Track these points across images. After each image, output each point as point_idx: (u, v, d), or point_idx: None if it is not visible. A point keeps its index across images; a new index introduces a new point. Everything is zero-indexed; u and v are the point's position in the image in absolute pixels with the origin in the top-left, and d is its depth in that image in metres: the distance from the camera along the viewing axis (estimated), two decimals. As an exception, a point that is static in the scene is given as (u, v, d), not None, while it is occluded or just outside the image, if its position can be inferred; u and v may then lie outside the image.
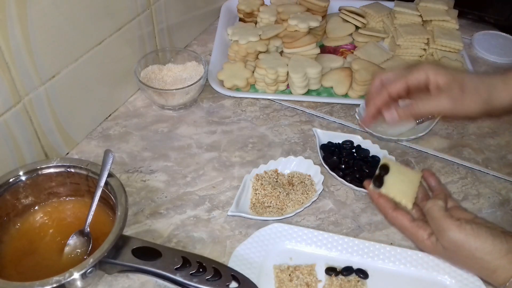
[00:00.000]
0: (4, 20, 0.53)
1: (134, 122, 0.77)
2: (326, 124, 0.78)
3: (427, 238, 0.54)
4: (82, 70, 0.67)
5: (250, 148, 0.74)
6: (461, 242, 0.51)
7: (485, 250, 0.50)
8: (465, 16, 1.04)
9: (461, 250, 0.51)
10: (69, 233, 0.57)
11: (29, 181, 0.59)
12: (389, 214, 0.57)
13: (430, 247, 0.54)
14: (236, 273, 0.52)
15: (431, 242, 0.54)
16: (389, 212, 0.57)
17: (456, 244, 0.51)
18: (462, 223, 0.51)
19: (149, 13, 0.79)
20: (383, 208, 0.58)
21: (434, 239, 0.53)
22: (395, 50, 0.91)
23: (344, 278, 0.57)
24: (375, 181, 0.58)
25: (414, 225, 0.55)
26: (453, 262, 0.55)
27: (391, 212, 0.57)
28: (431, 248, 0.54)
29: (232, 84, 0.81)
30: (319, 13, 0.91)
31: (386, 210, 0.57)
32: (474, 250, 0.50)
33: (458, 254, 0.52)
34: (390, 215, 0.57)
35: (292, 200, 0.64)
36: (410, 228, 0.55)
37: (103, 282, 0.56)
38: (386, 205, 0.57)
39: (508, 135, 0.78)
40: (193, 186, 0.67)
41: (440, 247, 0.53)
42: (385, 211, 0.57)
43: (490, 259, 0.50)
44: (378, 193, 0.58)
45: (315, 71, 0.80)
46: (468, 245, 0.50)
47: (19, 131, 0.61)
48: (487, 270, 0.50)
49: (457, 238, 0.51)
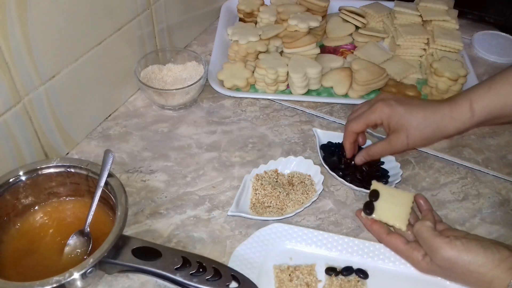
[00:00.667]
0: (4, 20, 0.53)
1: (134, 122, 0.77)
2: (326, 124, 0.78)
3: (422, 259, 0.55)
4: (82, 70, 0.67)
5: (250, 148, 0.74)
6: (454, 259, 0.52)
7: (478, 263, 0.51)
8: (465, 16, 1.04)
9: (455, 266, 0.52)
10: (69, 233, 0.57)
11: (29, 181, 0.59)
12: (383, 240, 0.59)
13: (426, 267, 0.55)
14: (236, 273, 0.52)
15: (426, 262, 0.55)
16: (383, 237, 0.58)
17: (449, 261, 0.52)
18: (452, 239, 0.52)
19: (149, 13, 0.79)
20: (377, 234, 0.59)
21: (428, 259, 0.54)
22: (395, 50, 0.91)
23: (344, 278, 0.57)
24: (366, 209, 0.60)
25: (408, 247, 0.56)
26: (451, 279, 0.55)
27: (385, 237, 0.58)
28: (427, 268, 0.55)
29: (232, 84, 0.81)
30: (319, 13, 0.91)
31: (380, 235, 0.59)
32: (468, 264, 0.51)
33: (454, 271, 0.53)
34: (384, 240, 0.58)
35: (292, 200, 0.64)
36: (405, 250, 0.56)
37: (103, 282, 0.56)
38: (379, 231, 0.59)
39: (508, 135, 0.78)
40: (193, 186, 0.67)
41: (436, 267, 0.54)
42: (379, 236, 0.59)
43: (485, 270, 0.50)
44: (371, 219, 0.59)
45: (315, 71, 0.80)
46: (461, 260, 0.51)
47: (19, 131, 0.61)
48: (484, 282, 0.51)
49: (449, 255, 0.52)
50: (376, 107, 0.63)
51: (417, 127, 0.60)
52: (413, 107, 0.61)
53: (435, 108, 0.60)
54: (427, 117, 0.60)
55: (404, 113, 0.61)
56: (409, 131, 0.60)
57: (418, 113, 0.60)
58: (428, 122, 0.60)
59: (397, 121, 0.61)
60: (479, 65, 0.93)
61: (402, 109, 0.61)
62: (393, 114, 0.61)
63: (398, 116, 0.61)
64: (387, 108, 0.62)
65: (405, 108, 0.61)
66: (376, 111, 0.63)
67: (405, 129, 0.61)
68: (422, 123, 0.60)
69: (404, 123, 0.61)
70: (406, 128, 0.61)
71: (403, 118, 0.61)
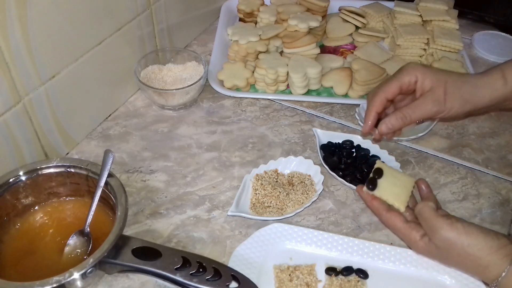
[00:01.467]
0: (4, 20, 0.53)
1: (134, 122, 0.77)
2: (326, 124, 0.78)
3: (419, 239, 0.55)
4: (82, 70, 0.67)
5: (250, 148, 0.74)
6: (453, 240, 0.51)
7: (477, 246, 0.50)
8: (465, 16, 1.04)
9: (453, 248, 0.52)
10: (69, 233, 0.57)
11: (29, 181, 0.59)
12: (383, 215, 0.58)
13: (423, 247, 0.55)
14: (236, 273, 0.52)
15: (424, 242, 0.54)
16: (383, 213, 0.58)
17: (448, 242, 0.52)
18: (453, 221, 0.52)
19: (149, 13, 0.79)
20: (377, 209, 0.59)
21: (426, 240, 0.54)
22: (395, 50, 0.91)
23: (344, 278, 0.57)
24: (369, 184, 0.59)
25: (407, 226, 0.56)
26: (446, 262, 0.55)
27: (385, 214, 0.58)
28: (424, 248, 0.55)
29: (232, 84, 0.81)
30: (319, 13, 0.91)
31: (380, 211, 0.58)
32: (467, 247, 0.51)
33: (451, 253, 0.52)
34: (384, 216, 0.58)
35: (292, 200, 0.64)
36: (403, 229, 0.56)
37: (103, 282, 0.56)
38: (379, 207, 0.58)
39: (508, 135, 0.78)
40: (193, 186, 0.67)
41: (433, 247, 0.53)
42: (378, 212, 0.59)
43: (482, 255, 0.50)
44: (371, 195, 0.59)
45: (315, 71, 0.80)
46: (460, 242, 0.51)
47: (19, 131, 0.61)
48: (480, 266, 0.51)
49: (449, 236, 0.52)
50: (407, 67, 0.60)
51: (455, 84, 0.58)
52: (445, 70, 0.60)
53: (468, 75, 0.60)
54: (463, 78, 0.58)
55: (439, 70, 0.59)
56: (447, 86, 0.58)
57: (453, 73, 0.59)
58: (463, 81, 0.58)
59: (433, 77, 0.58)
60: (479, 65, 0.93)
61: (435, 69, 0.59)
62: (428, 71, 0.59)
63: (433, 72, 0.58)
64: (420, 66, 0.59)
65: (438, 69, 0.60)
66: (408, 70, 0.59)
67: (442, 84, 0.58)
68: (459, 80, 0.58)
69: (441, 78, 0.58)
70: (443, 83, 0.58)
71: (439, 73, 0.58)
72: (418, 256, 0.58)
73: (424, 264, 0.58)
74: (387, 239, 0.62)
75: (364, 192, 0.60)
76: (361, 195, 0.61)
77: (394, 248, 0.59)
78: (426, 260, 0.58)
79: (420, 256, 0.58)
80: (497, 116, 0.81)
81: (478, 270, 0.52)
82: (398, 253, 0.58)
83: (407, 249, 0.59)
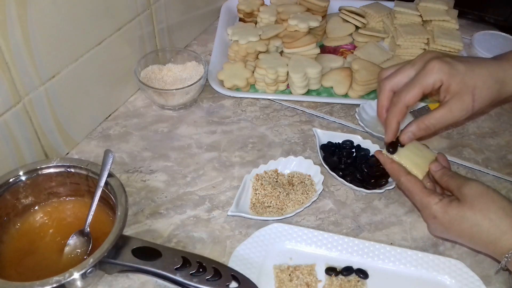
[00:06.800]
0: (4, 20, 0.53)
1: (134, 122, 0.77)
2: (326, 124, 0.78)
3: (437, 202, 0.53)
4: (82, 70, 0.67)
5: (250, 148, 0.74)
6: (485, 191, 0.51)
7: (501, 204, 0.50)
8: (465, 16, 1.04)
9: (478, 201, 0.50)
10: (69, 233, 0.57)
11: (29, 181, 0.59)
12: (401, 178, 0.56)
13: (438, 212, 0.53)
14: (236, 273, 0.52)
15: (440, 207, 0.53)
16: (402, 175, 0.56)
17: (479, 192, 0.51)
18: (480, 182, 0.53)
19: (149, 13, 0.79)
20: (397, 172, 0.57)
21: (445, 202, 0.53)
22: (395, 50, 0.91)
23: (344, 278, 0.57)
24: (389, 147, 0.57)
25: (425, 190, 0.55)
26: (456, 234, 0.54)
27: (404, 176, 0.56)
28: (439, 215, 0.53)
29: (232, 84, 0.81)
30: (319, 13, 0.91)
31: (400, 173, 0.57)
32: (491, 202, 0.50)
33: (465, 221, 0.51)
34: (403, 178, 0.56)
35: (292, 200, 0.64)
36: (420, 192, 0.55)
37: (103, 282, 0.56)
38: (399, 169, 0.57)
39: (508, 135, 0.78)
40: (193, 186, 0.67)
41: (447, 215, 0.52)
42: (398, 174, 0.57)
43: (503, 215, 0.49)
44: (390, 159, 0.58)
45: (315, 71, 0.80)
46: (486, 195, 0.50)
47: (19, 131, 0.61)
48: (493, 235, 0.50)
49: (480, 188, 0.51)
50: (432, 66, 0.54)
51: (483, 86, 0.53)
52: (474, 64, 0.54)
53: (496, 64, 0.54)
54: (492, 75, 0.53)
55: (467, 71, 0.53)
56: (475, 92, 0.53)
57: (482, 70, 0.53)
58: (493, 80, 0.53)
59: (460, 81, 0.53)
60: (479, 65, 0.93)
61: (463, 67, 0.53)
62: (454, 72, 0.53)
63: (460, 75, 0.53)
64: (446, 66, 0.53)
65: (466, 66, 0.53)
66: (433, 71, 0.53)
67: (470, 90, 0.53)
68: (488, 81, 0.53)
69: (469, 83, 0.53)
70: (472, 88, 0.53)
71: (466, 77, 0.53)
72: (418, 256, 0.58)
73: (424, 264, 0.58)
74: (387, 239, 0.62)
75: (383, 154, 0.58)
76: (379, 157, 0.59)
77: (394, 248, 0.59)
78: (426, 260, 0.58)
79: (420, 256, 0.58)
80: (497, 116, 0.81)
81: (491, 240, 0.50)
82: (398, 253, 0.58)
83: (407, 249, 0.59)
